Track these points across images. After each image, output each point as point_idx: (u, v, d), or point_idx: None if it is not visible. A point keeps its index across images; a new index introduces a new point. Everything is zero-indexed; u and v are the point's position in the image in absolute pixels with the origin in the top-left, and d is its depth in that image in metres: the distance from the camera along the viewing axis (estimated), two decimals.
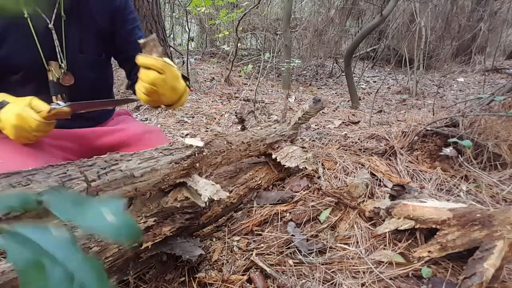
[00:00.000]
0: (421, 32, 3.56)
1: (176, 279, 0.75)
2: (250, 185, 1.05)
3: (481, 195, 1.03)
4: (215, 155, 0.88)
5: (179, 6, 5.40)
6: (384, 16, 2.66)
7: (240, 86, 3.66)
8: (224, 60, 4.68)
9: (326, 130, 1.88)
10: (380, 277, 0.71)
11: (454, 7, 4.55)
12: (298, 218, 0.93)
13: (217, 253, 0.81)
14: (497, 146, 1.22)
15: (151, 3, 3.24)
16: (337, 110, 2.76)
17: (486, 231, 0.67)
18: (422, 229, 0.80)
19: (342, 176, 1.15)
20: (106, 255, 0.64)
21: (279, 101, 2.97)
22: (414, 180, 1.16)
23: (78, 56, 0.88)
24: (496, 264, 0.62)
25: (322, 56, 5.10)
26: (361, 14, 5.46)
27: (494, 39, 4.67)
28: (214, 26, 5.18)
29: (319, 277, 0.72)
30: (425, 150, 1.31)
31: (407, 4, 4.12)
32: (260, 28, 5.00)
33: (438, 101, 3.03)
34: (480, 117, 1.28)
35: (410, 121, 1.49)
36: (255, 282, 0.71)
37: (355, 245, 0.82)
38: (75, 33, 0.87)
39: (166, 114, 2.45)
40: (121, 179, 0.61)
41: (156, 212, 0.74)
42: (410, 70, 3.73)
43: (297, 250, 0.81)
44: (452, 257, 0.74)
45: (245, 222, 0.92)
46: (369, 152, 1.36)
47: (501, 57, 5.48)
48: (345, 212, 0.95)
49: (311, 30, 4.67)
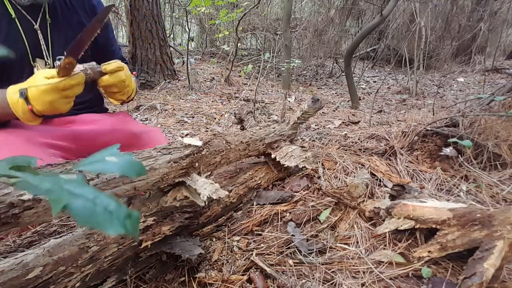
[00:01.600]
0: (421, 32, 3.56)
1: (176, 279, 0.75)
2: (250, 185, 1.05)
3: (481, 195, 1.03)
4: (214, 154, 0.88)
5: (179, 6, 5.40)
6: (384, 16, 2.66)
7: (240, 86, 3.66)
8: (224, 60, 4.69)
9: (326, 130, 1.88)
10: (380, 277, 0.71)
11: (454, 7, 4.55)
12: (298, 218, 0.93)
13: (217, 253, 0.81)
14: (497, 146, 1.21)
15: (151, 3, 3.24)
16: (337, 110, 2.76)
17: (486, 231, 0.67)
18: (422, 229, 0.80)
19: (342, 176, 1.15)
20: (105, 254, 0.64)
21: (279, 101, 2.97)
22: (414, 180, 1.16)
23: None
24: (496, 264, 0.62)
25: (322, 56, 5.10)
26: (361, 14, 5.46)
27: (494, 39, 4.67)
28: (214, 26, 5.18)
29: (319, 277, 0.72)
30: (425, 150, 1.31)
31: (407, 4, 4.12)
32: (260, 28, 5.00)
33: (438, 101, 3.03)
34: (480, 117, 1.28)
35: (410, 121, 1.49)
36: (255, 282, 0.71)
37: (355, 245, 0.82)
38: (62, 34, 0.98)
39: (166, 114, 2.45)
40: (119, 178, 0.61)
41: (155, 211, 0.74)
42: (410, 70, 3.73)
43: (297, 250, 0.81)
44: (452, 257, 0.74)
45: (245, 222, 0.92)
46: (369, 152, 1.36)
47: (501, 57, 5.48)
48: (345, 212, 0.95)
49: (311, 30, 4.67)
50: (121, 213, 0.20)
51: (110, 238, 0.65)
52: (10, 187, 0.45)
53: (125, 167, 0.26)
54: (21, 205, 0.46)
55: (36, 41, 0.93)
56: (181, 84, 3.40)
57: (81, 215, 0.19)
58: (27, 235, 0.85)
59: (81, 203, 0.20)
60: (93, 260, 0.62)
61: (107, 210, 0.20)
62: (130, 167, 0.26)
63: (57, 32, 0.96)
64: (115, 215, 0.20)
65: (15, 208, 0.45)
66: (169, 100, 2.84)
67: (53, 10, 0.96)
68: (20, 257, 0.56)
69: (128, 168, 0.26)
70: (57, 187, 0.20)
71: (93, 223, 0.19)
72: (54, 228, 0.90)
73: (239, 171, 1.16)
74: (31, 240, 0.83)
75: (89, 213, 0.19)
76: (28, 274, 0.53)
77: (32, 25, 0.92)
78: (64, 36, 0.98)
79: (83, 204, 0.20)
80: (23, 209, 0.46)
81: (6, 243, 0.81)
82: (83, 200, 0.20)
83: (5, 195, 0.45)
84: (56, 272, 0.56)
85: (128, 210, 0.21)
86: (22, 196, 0.45)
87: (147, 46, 3.32)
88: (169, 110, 2.55)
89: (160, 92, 3.16)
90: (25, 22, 0.91)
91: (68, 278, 0.58)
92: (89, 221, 0.19)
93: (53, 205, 0.18)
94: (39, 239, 0.84)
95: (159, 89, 3.22)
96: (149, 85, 3.33)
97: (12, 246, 0.80)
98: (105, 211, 0.20)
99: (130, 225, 0.20)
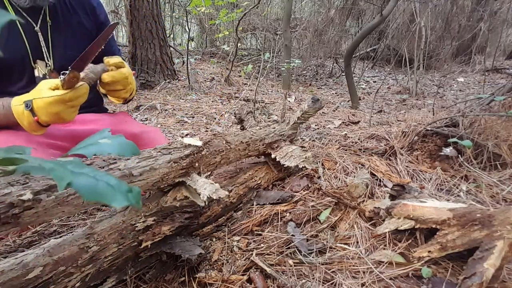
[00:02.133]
0: (421, 32, 3.56)
1: (176, 279, 0.75)
2: (250, 185, 1.04)
3: (481, 195, 1.03)
4: (214, 154, 0.88)
5: (179, 6, 5.40)
6: (384, 16, 2.66)
7: (240, 86, 3.66)
8: (224, 60, 4.69)
9: (326, 130, 1.88)
10: (380, 277, 0.71)
11: (454, 7, 4.55)
12: (298, 218, 0.93)
13: (217, 253, 0.81)
14: (497, 146, 1.21)
15: (151, 3, 3.24)
16: (337, 110, 2.76)
17: (486, 231, 0.67)
18: (422, 229, 0.80)
19: (342, 176, 1.15)
20: (105, 254, 0.64)
21: (279, 101, 2.97)
22: (414, 180, 1.16)
23: (64, 56, 0.97)
24: (496, 264, 0.62)
25: (322, 56, 5.09)
26: (361, 14, 5.46)
27: (494, 39, 4.67)
28: (214, 26, 5.18)
29: (319, 277, 0.72)
30: (425, 150, 1.31)
31: (407, 4, 4.12)
32: (260, 28, 5.00)
33: (438, 101, 3.03)
34: (480, 117, 1.28)
35: (410, 121, 1.49)
36: (255, 282, 0.71)
37: (355, 245, 0.82)
38: (62, 35, 0.98)
39: (166, 114, 2.45)
40: (119, 178, 0.61)
41: (155, 212, 0.74)
42: (410, 70, 3.73)
43: (297, 250, 0.81)
44: (452, 257, 0.74)
45: (245, 222, 0.92)
46: (369, 152, 1.36)
47: (501, 57, 5.48)
48: (345, 212, 0.95)
49: (311, 30, 4.67)
50: (123, 187, 0.21)
51: (110, 238, 0.65)
52: (10, 187, 0.45)
53: (119, 147, 0.27)
54: (21, 205, 0.46)
55: (37, 42, 0.93)
56: (181, 84, 3.40)
57: (86, 190, 0.20)
58: (27, 235, 0.85)
59: (84, 179, 0.20)
60: (93, 260, 0.62)
61: (109, 185, 0.21)
62: (124, 148, 0.27)
63: (57, 33, 0.97)
64: (117, 189, 0.21)
65: (15, 208, 0.45)
66: (169, 100, 2.84)
67: (53, 12, 0.96)
68: (20, 257, 0.56)
69: (122, 149, 0.27)
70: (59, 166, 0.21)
71: (97, 197, 0.20)
72: (54, 228, 0.90)
73: (239, 171, 1.15)
74: (31, 240, 0.83)
75: (92, 188, 0.20)
76: (28, 274, 0.53)
77: (32, 26, 0.92)
78: (64, 37, 0.98)
79: (86, 180, 0.20)
80: (23, 209, 0.46)
81: (6, 243, 0.81)
82: (85, 176, 0.21)
83: (5, 195, 0.45)
84: (56, 272, 0.56)
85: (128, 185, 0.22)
86: (22, 196, 0.45)
87: (147, 46, 3.32)
88: (169, 110, 2.55)
89: (160, 92, 3.16)
90: (25, 23, 0.91)
91: (68, 278, 0.58)
92: (94, 196, 0.20)
93: (58, 181, 0.19)
94: (39, 239, 0.84)
95: (159, 89, 3.22)
96: (149, 85, 3.33)
97: (12, 246, 0.80)
98: (108, 186, 0.21)
99: (133, 198, 0.21)
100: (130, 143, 0.28)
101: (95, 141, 0.27)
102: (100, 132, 0.29)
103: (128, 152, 0.27)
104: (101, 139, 0.27)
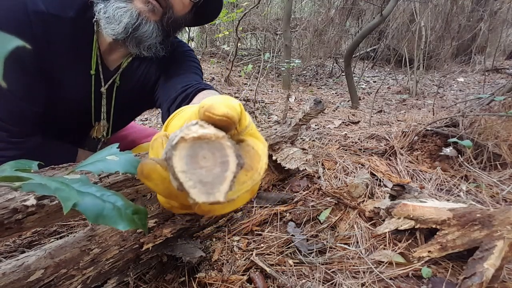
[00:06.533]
0: (421, 32, 3.56)
1: (176, 279, 0.75)
2: None
3: (481, 195, 1.03)
4: None
5: None
6: (384, 16, 2.66)
7: (240, 86, 3.66)
8: (224, 60, 4.69)
9: (326, 130, 1.88)
10: (380, 277, 0.71)
11: (454, 7, 4.55)
12: (298, 218, 0.93)
13: (217, 253, 0.81)
14: (497, 146, 1.22)
15: None
16: (337, 110, 2.76)
17: (486, 231, 0.67)
18: (422, 229, 0.80)
19: (342, 176, 1.15)
20: (107, 256, 0.64)
21: (279, 101, 2.97)
22: (414, 180, 1.16)
23: (119, 117, 0.93)
24: (496, 264, 0.62)
25: (322, 56, 5.09)
26: (361, 14, 5.46)
27: (494, 39, 4.66)
28: (214, 26, 5.18)
29: (319, 277, 0.72)
30: (425, 150, 1.31)
31: (407, 4, 4.12)
32: (260, 28, 5.00)
33: (438, 101, 3.03)
34: (480, 117, 1.28)
35: (410, 121, 1.49)
36: (255, 282, 0.71)
37: (355, 245, 0.82)
38: (126, 97, 0.90)
39: None
40: (122, 181, 0.61)
41: (156, 214, 0.74)
42: (410, 70, 3.73)
43: (297, 250, 0.81)
44: (452, 257, 0.74)
45: (245, 222, 0.92)
46: (369, 152, 1.36)
47: (501, 57, 5.48)
48: (345, 212, 0.95)
49: (311, 30, 4.67)
50: (130, 209, 0.21)
51: (112, 240, 0.66)
52: (14, 192, 0.45)
53: (126, 165, 0.26)
54: (25, 211, 0.46)
55: (99, 99, 0.86)
56: None
57: (91, 213, 0.19)
58: (27, 235, 0.85)
59: (90, 200, 0.20)
60: (95, 263, 0.62)
61: (116, 206, 0.20)
62: (131, 165, 0.27)
63: (120, 94, 0.90)
64: (124, 211, 0.20)
65: (18, 213, 0.45)
66: None
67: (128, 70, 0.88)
68: (22, 259, 0.56)
69: (129, 166, 0.26)
70: (65, 186, 0.21)
71: (103, 221, 0.20)
72: (54, 228, 0.90)
73: None
74: (31, 240, 0.84)
75: (99, 210, 0.20)
76: (30, 277, 0.53)
77: (100, 85, 0.85)
78: (128, 97, 0.91)
79: (93, 202, 0.20)
80: (27, 214, 0.46)
81: (6, 243, 0.81)
82: (92, 197, 0.20)
83: (8, 200, 0.45)
84: (57, 274, 0.57)
85: (135, 206, 0.21)
86: (25, 201, 0.45)
87: None
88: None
89: None
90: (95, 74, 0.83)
91: (70, 281, 0.58)
92: (100, 219, 0.20)
93: (63, 203, 0.19)
94: (39, 239, 0.85)
95: None
96: None
97: (12, 246, 0.81)
98: (114, 208, 0.20)
99: (139, 220, 0.21)
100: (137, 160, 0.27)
101: (102, 158, 0.27)
102: (108, 148, 0.28)
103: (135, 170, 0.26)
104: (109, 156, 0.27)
